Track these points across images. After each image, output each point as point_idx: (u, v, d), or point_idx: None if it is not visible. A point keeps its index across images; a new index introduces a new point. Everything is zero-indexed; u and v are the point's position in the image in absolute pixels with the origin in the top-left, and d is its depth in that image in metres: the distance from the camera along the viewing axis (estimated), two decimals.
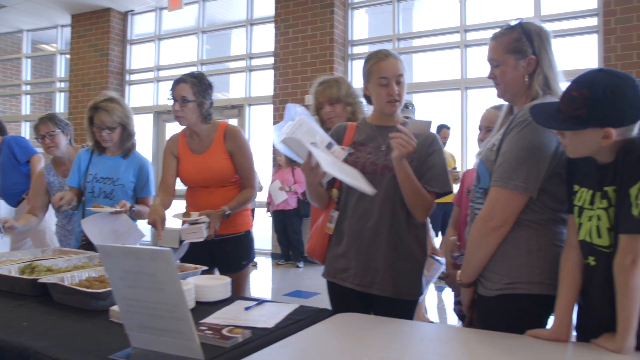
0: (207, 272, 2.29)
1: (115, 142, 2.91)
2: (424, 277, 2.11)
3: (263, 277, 7.19)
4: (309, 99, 2.72)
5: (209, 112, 2.65)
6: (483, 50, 1.77)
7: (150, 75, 9.63)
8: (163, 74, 9.47)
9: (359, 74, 2.13)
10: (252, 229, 2.81)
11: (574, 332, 1.55)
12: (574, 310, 1.52)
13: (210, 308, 1.79)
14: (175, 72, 8.76)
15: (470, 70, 7.08)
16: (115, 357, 1.33)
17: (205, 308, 1.79)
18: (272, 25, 8.10)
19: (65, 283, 1.90)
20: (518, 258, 1.62)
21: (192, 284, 1.84)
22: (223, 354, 1.35)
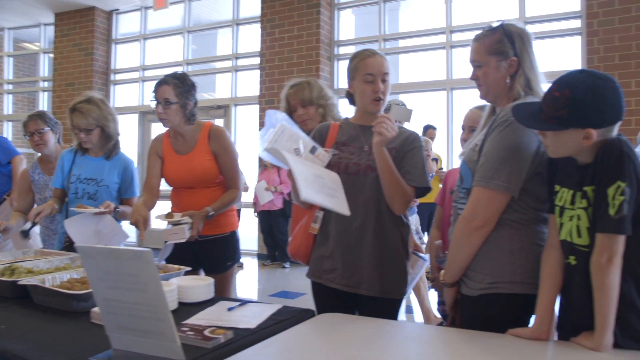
0: (192, 272, 2.27)
1: (95, 143, 2.88)
2: (409, 274, 2.12)
3: (249, 277, 7.17)
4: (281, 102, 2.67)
5: (193, 112, 2.64)
6: (468, 51, 1.78)
7: (136, 75, 9.56)
8: (148, 74, 9.41)
9: (345, 75, 2.13)
10: (237, 230, 2.80)
11: (556, 331, 1.56)
12: (556, 309, 1.54)
13: (193, 309, 1.77)
14: (161, 72, 8.70)
15: (456, 71, 7.13)
16: (96, 359, 1.31)
17: (188, 309, 1.78)
18: (258, 25, 8.10)
19: (46, 285, 1.88)
20: (500, 258, 1.63)
21: (175, 285, 1.83)
22: (204, 355, 1.35)
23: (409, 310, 5.10)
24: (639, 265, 1.38)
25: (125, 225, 2.87)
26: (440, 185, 2.87)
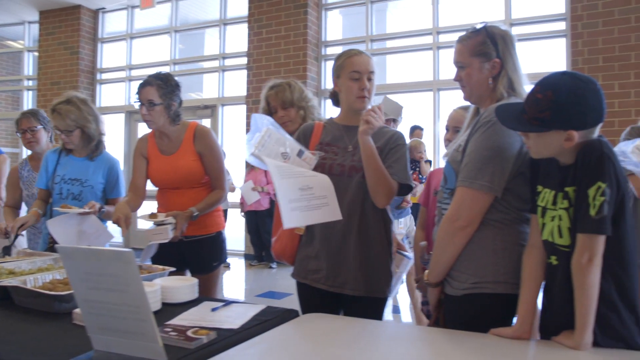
0: (178, 273, 2.26)
1: (77, 144, 2.85)
2: (395, 273, 2.13)
3: (236, 278, 7.15)
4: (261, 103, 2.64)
5: (178, 113, 2.62)
6: None
7: (122, 75, 9.48)
8: (135, 73, 9.32)
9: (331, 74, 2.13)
10: (223, 230, 2.79)
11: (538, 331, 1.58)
12: (538, 309, 1.55)
13: (177, 309, 1.76)
14: (148, 71, 8.52)
15: (443, 72, 7.16)
16: None
17: (172, 309, 1.77)
18: (245, 25, 8.07)
19: (28, 286, 1.86)
20: (484, 258, 1.64)
21: (158, 285, 1.81)
22: (187, 356, 1.34)
23: (396, 311, 5.11)
24: (619, 265, 1.40)
25: (111, 226, 2.85)
26: None
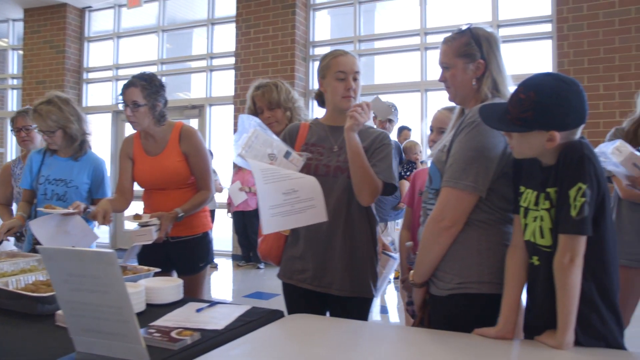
0: (164, 274, 2.25)
1: (60, 144, 2.82)
2: (381, 273, 2.14)
3: (224, 278, 7.13)
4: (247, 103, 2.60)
5: (163, 113, 2.60)
6: None
7: (109, 74, 9.40)
8: (122, 73, 9.25)
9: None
10: (210, 231, 2.78)
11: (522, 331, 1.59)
12: (522, 309, 1.56)
13: (162, 310, 1.76)
14: (135, 71, 8.53)
15: (430, 73, 7.18)
16: None
17: (157, 310, 1.76)
18: (233, 25, 8.05)
19: (10, 287, 1.84)
20: (468, 258, 1.65)
21: (143, 286, 1.80)
22: (171, 357, 1.33)
23: (384, 311, 5.13)
24: (599, 266, 1.42)
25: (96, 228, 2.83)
26: None
